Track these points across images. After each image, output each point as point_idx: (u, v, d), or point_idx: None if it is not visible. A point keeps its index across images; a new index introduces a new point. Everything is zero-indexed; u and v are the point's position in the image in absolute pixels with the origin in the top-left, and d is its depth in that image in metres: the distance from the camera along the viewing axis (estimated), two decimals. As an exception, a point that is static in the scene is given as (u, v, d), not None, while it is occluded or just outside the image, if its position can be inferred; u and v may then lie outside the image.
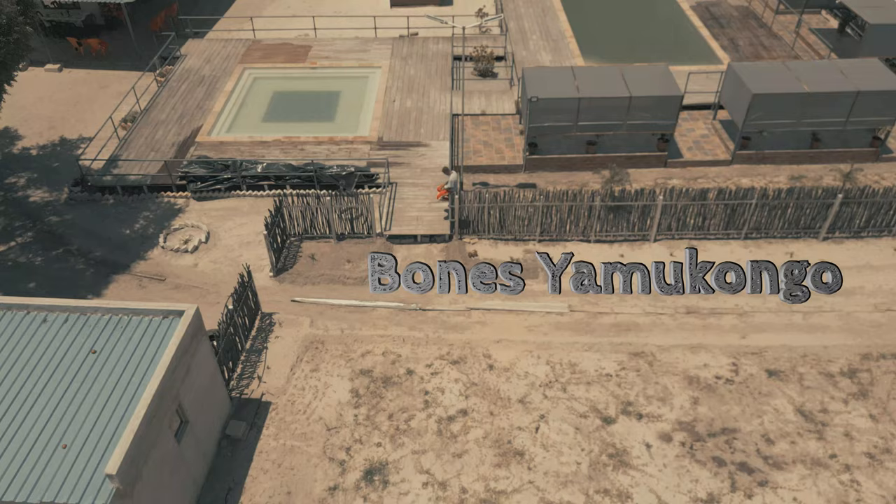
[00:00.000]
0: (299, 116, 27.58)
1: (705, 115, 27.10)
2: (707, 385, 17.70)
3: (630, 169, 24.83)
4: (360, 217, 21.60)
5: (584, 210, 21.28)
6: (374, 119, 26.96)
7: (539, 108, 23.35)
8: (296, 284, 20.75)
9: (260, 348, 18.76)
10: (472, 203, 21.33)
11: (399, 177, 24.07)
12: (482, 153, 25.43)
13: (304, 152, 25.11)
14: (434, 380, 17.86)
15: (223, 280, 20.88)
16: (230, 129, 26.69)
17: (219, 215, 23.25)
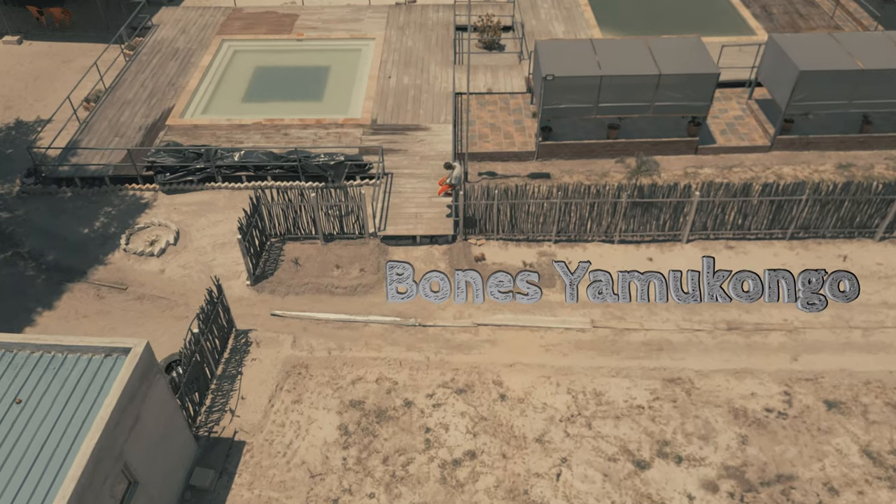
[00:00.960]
0: (283, 95, 24.60)
1: (739, 93, 24.14)
2: (756, 420, 15.11)
3: (656, 156, 22.00)
4: (350, 214, 18.82)
5: (609, 207, 18.50)
6: (367, 98, 24.00)
7: (555, 87, 20.42)
8: (276, 295, 18.05)
9: (233, 374, 16.13)
10: (478, 200, 18.53)
11: (395, 166, 21.22)
12: (489, 138, 22.53)
13: (289, 137, 22.21)
14: (436, 413, 15.26)
15: (193, 289, 18.17)
16: (206, 111, 23.74)
17: (190, 211, 20.44)
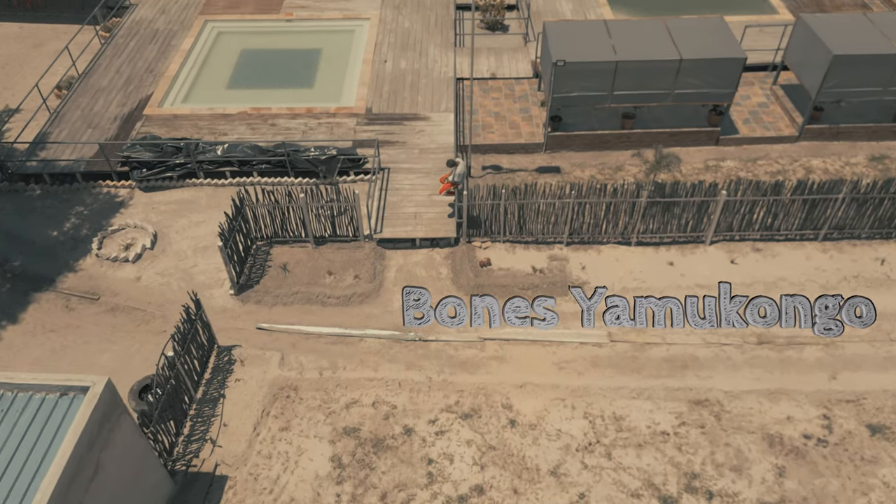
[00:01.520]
0: (271, 82, 22.81)
1: (762, 77, 22.40)
2: (794, 448, 13.66)
3: (674, 148, 20.33)
4: (343, 215, 17.18)
5: (627, 207, 16.89)
6: (362, 85, 22.21)
7: (566, 73, 18.68)
8: (263, 305, 16.48)
9: (215, 397, 14.61)
10: (483, 200, 16.90)
11: (392, 160, 19.53)
12: (493, 128, 20.82)
13: (276, 129, 20.47)
14: (440, 442, 13.78)
15: (172, 299, 16.58)
16: (186, 99, 21.96)
17: (170, 211, 18.77)
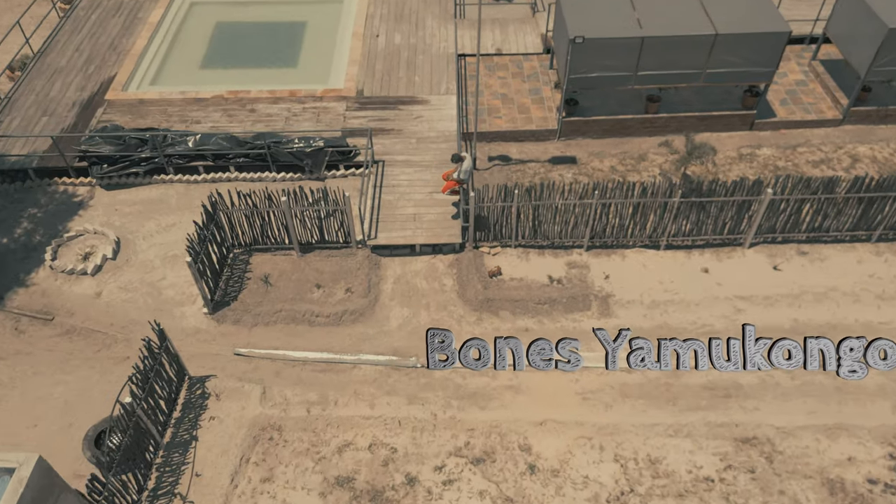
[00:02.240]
0: (250, 60, 20.35)
1: (799, 51, 20.08)
2: (858, 496, 11.77)
3: (704, 133, 18.11)
4: (332, 216, 14.99)
5: (657, 208, 14.76)
6: (352, 63, 19.80)
7: (584, 51, 16.36)
8: (241, 325, 14.38)
9: (186, 440, 12.59)
10: (493, 202, 14.72)
11: (386, 151, 17.27)
12: (500, 112, 18.52)
13: (256, 115, 18.13)
14: (448, 494, 11.84)
15: (137, 319, 14.45)
16: (154, 82, 19.52)
17: (134, 212, 16.53)
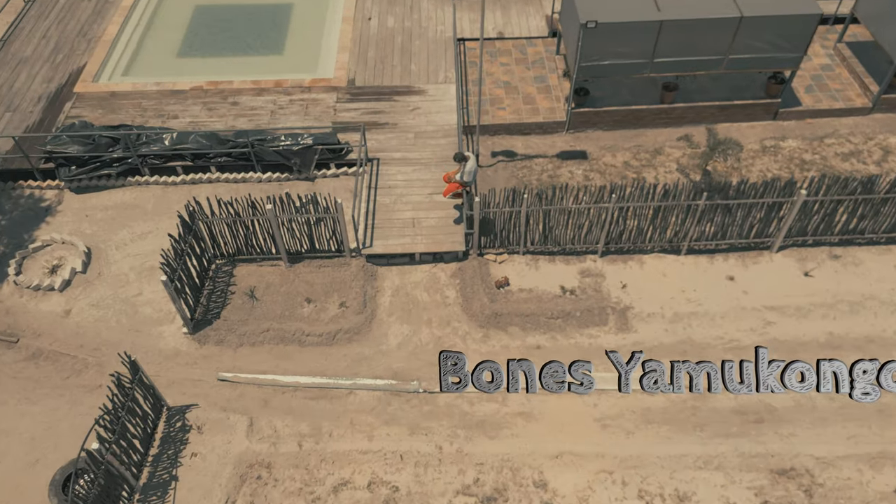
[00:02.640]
0: (232, 48, 18.82)
1: (822, 33, 18.67)
2: (908, 535, 10.72)
3: (724, 124, 16.80)
4: (322, 222, 13.65)
5: (680, 212, 13.49)
6: (342, 50, 18.30)
7: (596, 37, 14.95)
8: (225, 346, 13.10)
9: (165, 480, 11.37)
10: (500, 207, 13.41)
11: (381, 147, 15.88)
12: (503, 103, 17.11)
13: (239, 108, 16.67)
14: (456, 539, 10.71)
15: (110, 340, 13.15)
16: (128, 72, 18.00)
17: (107, 219, 15.14)
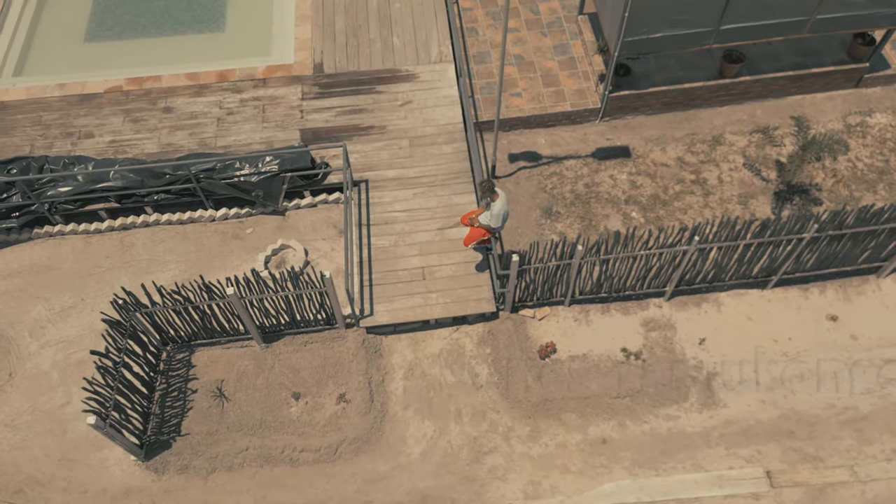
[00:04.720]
0: (156, 25, 14.43)
1: (901, -35, 15.00)
2: None
3: (796, 96, 13.36)
4: (306, 294, 10.12)
5: (777, 245, 10.26)
6: (301, 20, 14.08)
7: (648, 4, 11.14)
8: (192, 475, 9.78)
9: None
10: (546, 263, 9.97)
11: (367, 164, 12.11)
12: (518, 86, 13.30)
13: (175, 117, 12.62)
14: None
15: (35, 476, 9.72)
16: (19, 71, 13.63)
17: (13, 290, 11.33)
